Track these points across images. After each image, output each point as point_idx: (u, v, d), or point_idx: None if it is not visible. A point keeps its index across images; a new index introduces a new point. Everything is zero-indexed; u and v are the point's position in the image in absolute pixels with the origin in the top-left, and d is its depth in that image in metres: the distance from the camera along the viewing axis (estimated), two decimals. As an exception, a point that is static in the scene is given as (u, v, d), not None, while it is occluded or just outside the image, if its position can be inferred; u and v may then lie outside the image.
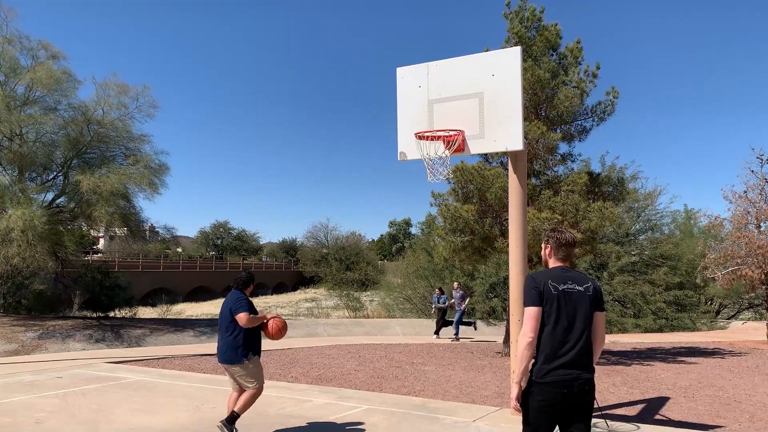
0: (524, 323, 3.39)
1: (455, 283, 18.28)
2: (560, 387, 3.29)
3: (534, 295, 3.38)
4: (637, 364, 12.08)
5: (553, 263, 3.59)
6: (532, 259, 11.67)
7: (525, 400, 3.43)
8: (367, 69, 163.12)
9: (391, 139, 6.73)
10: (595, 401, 3.48)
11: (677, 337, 19.37)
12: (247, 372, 5.68)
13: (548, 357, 3.34)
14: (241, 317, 5.57)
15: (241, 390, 5.78)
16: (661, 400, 8.35)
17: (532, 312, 3.37)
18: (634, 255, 24.39)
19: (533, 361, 3.40)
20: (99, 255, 49.87)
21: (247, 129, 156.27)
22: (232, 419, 5.65)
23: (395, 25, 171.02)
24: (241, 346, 5.63)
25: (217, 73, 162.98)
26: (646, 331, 21.65)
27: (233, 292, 5.83)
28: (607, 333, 21.04)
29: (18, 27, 20.54)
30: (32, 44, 18.16)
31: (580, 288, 3.41)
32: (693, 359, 12.87)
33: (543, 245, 3.68)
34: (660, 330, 22.17)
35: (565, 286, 3.39)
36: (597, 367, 11.23)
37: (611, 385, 9.48)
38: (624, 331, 21.47)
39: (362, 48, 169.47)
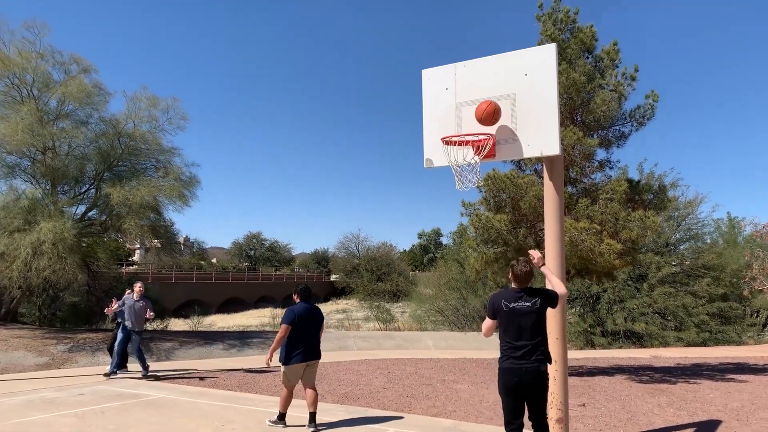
0: (484, 325, 4.95)
1: (137, 285, 11.62)
2: (514, 374, 4.68)
3: (492, 308, 4.90)
4: (682, 382, 11.41)
5: (512, 285, 4.95)
6: (570, 271, 11.13)
7: (497, 384, 4.89)
8: (396, 79, 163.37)
9: (420, 147, 6.35)
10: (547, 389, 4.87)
11: (723, 351, 18.47)
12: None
13: (505, 354, 4.77)
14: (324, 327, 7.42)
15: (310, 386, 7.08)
16: (713, 424, 7.74)
17: (489, 321, 4.92)
18: (674, 265, 23.46)
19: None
20: (134, 267, 50.48)
21: (277, 141, 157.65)
22: (314, 418, 7.00)
23: (428, 33, 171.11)
24: None
25: (247, 85, 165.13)
26: (689, 344, 20.73)
27: (312, 306, 7.33)
28: (647, 347, 20.39)
29: (51, 42, 20.83)
30: (64, 58, 18.29)
31: (528, 303, 4.76)
32: (743, 377, 12.12)
33: (510, 270, 4.98)
34: (703, 344, 21.22)
35: (515, 304, 4.77)
36: (640, 386, 10.67)
37: (656, 406, 8.88)
38: (666, 344, 20.59)
39: (393, 58, 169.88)
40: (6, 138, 15.83)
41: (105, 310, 11.92)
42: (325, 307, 55.63)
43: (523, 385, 4.68)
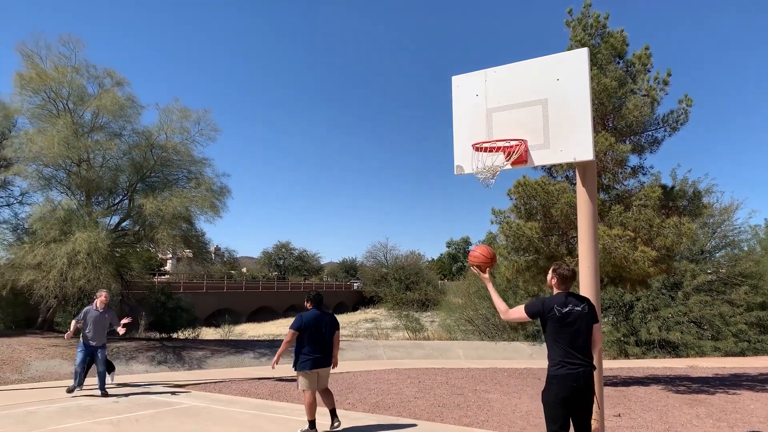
0: (513, 312, 4.79)
1: (101, 293, 10.47)
2: (570, 380, 4.43)
3: (536, 308, 4.63)
4: (721, 392, 11.11)
5: (556, 290, 4.75)
6: (603, 279, 10.96)
7: (544, 394, 4.58)
8: (424, 88, 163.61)
9: (448, 155, 6.31)
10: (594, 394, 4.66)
11: (763, 361, 17.98)
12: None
13: (560, 360, 4.51)
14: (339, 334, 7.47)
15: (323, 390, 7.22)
16: (755, 436, 7.52)
17: (521, 313, 4.73)
18: (710, 273, 22.94)
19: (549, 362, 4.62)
20: (166, 276, 51.13)
21: (305, 150, 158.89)
22: (336, 414, 7.29)
23: (456, 39, 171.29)
24: None
25: (276, 94, 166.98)
26: (727, 354, 20.22)
27: (326, 313, 7.25)
28: (683, 356, 19.94)
29: (86, 57, 21.32)
30: (98, 72, 18.68)
31: (578, 308, 4.60)
32: (784, 387, 11.77)
33: (550, 274, 4.83)
34: (742, 354, 20.68)
35: (567, 309, 4.57)
36: (677, 396, 10.43)
37: (695, 417, 8.66)
38: (702, 354, 20.12)
39: (420, 68, 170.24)
40: (43, 151, 16.21)
41: (65, 336, 10.38)
42: (353, 316, 55.74)
43: (578, 392, 4.48)
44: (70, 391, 10.04)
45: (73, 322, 10.19)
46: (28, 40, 18.19)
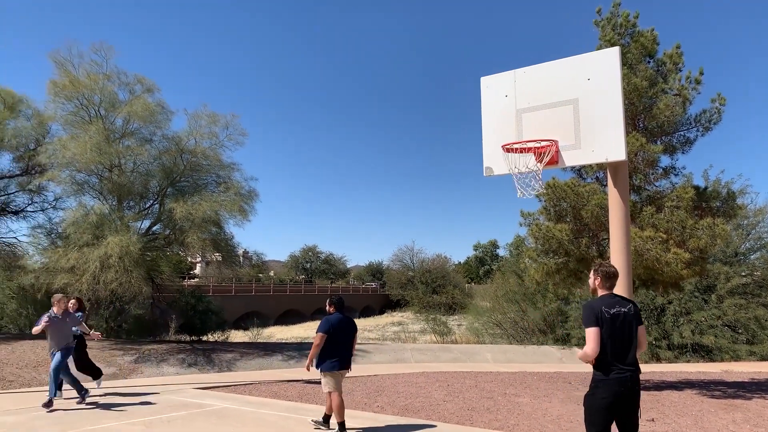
0: (588, 343, 4.38)
1: (56, 298, 9.49)
2: (618, 384, 4.31)
3: (593, 318, 4.38)
4: (758, 397, 10.85)
5: (601, 292, 4.60)
6: (634, 282, 10.79)
7: (588, 398, 4.46)
8: (452, 88, 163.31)
9: (475, 157, 6.27)
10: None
11: (800, 366, 17.50)
12: None
13: (608, 364, 4.35)
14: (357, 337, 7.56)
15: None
16: (795, 442, 7.32)
17: (593, 332, 4.37)
18: (744, 276, 22.44)
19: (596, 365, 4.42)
20: (196, 280, 51.71)
21: (332, 155, 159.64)
22: (329, 419, 7.45)
23: (484, 39, 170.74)
24: None
25: (304, 98, 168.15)
26: (763, 359, 19.74)
27: (345, 316, 7.40)
28: (717, 360, 19.53)
29: (116, 64, 21.73)
30: (129, 79, 19.01)
31: (625, 309, 4.46)
32: (824, 393, 11.44)
33: (592, 276, 4.67)
34: (778, 358, 20.19)
35: (614, 310, 4.42)
36: (713, 401, 10.22)
37: (731, 422, 8.46)
38: (737, 358, 19.68)
39: (447, 67, 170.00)
40: (76, 156, 16.53)
41: (32, 331, 9.35)
42: (380, 320, 55.78)
43: (624, 397, 4.35)
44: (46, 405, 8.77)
45: (43, 322, 9.14)
46: (61, 49, 18.60)
